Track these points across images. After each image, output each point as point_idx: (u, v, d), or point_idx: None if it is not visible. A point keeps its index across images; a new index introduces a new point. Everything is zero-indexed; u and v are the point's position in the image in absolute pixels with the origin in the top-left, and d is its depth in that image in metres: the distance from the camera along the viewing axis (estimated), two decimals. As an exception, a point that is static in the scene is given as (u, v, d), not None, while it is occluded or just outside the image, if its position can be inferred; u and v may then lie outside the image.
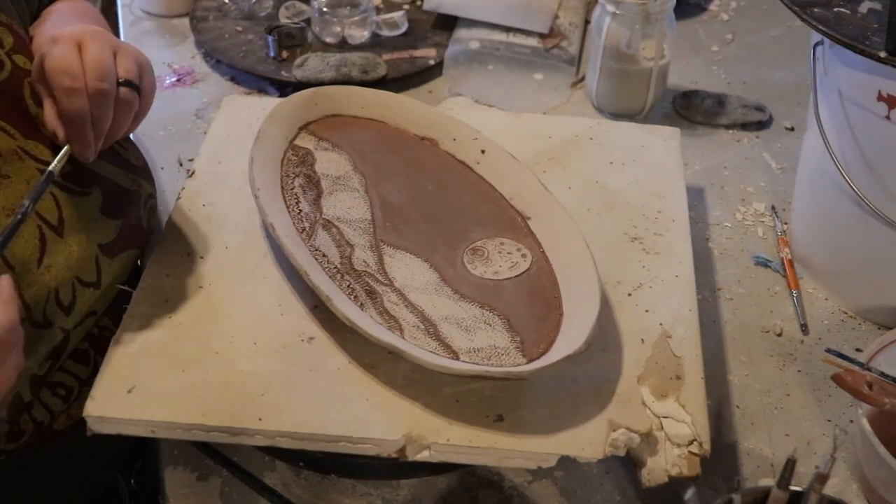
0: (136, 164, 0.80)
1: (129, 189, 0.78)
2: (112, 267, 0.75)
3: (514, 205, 0.83)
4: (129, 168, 0.78)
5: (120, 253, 0.76)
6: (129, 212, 0.77)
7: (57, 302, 0.70)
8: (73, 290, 0.72)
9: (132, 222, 0.78)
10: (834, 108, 0.84)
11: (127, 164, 0.78)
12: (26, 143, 0.70)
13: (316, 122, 0.88)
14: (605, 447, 0.66)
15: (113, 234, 0.75)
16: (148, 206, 0.81)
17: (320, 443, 0.66)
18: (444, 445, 0.66)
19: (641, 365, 0.71)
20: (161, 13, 1.30)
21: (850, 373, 0.70)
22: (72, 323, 0.72)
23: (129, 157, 0.79)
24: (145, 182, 0.80)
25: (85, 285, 0.73)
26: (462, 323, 0.72)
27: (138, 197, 0.79)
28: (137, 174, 0.79)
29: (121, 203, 0.76)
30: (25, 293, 0.68)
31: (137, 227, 0.79)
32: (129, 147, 0.80)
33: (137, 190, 0.79)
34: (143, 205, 0.80)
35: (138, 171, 0.80)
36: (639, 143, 0.93)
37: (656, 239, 0.82)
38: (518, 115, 0.98)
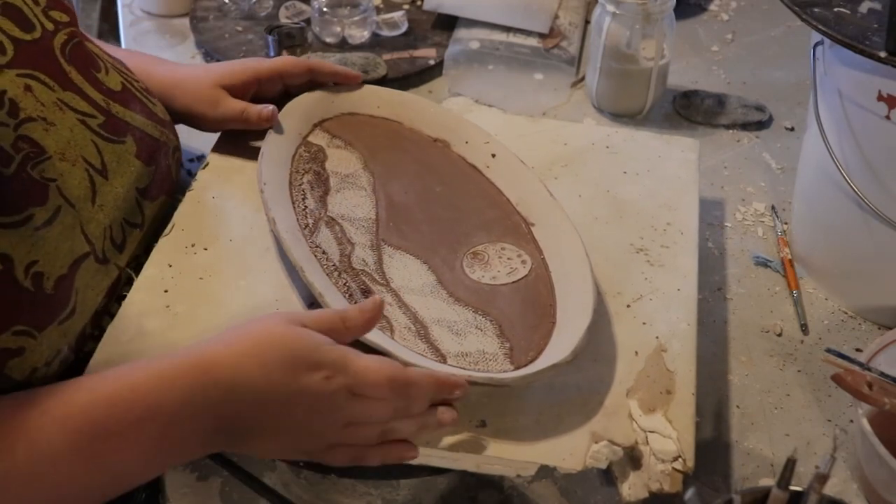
0: (163, 118, 0.84)
1: (159, 139, 0.82)
2: (151, 210, 0.81)
3: (519, 210, 0.82)
4: (158, 121, 0.83)
5: (158, 197, 0.82)
6: (160, 160, 0.82)
7: (111, 240, 0.75)
8: (123, 230, 0.77)
9: (163, 170, 0.82)
10: (834, 108, 0.84)
11: (155, 117, 0.83)
12: (64, 95, 0.74)
13: (331, 120, 0.89)
14: (586, 459, 0.65)
15: (148, 180, 0.80)
16: (175, 157, 0.86)
17: None
18: (425, 448, 0.66)
19: (632, 378, 0.71)
20: (161, 13, 1.30)
21: (850, 373, 0.70)
22: (124, 261, 0.77)
23: (156, 111, 0.83)
24: (172, 135, 0.85)
25: (132, 226, 0.78)
26: (453, 326, 0.72)
27: (167, 147, 0.83)
28: (165, 126, 0.84)
29: (152, 151, 0.81)
30: (86, 229, 0.72)
31: (168, 174, 0.83)
32: (156, 102, 0.84)
33: (166, 141, 0.83)
34: (171, 155, 0.84)
35: (165, 124, 0.84)
36: (655, 153, 0.93)
37: (662, 251, 0.82)
38: (537, 121, 0.98)
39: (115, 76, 0.80)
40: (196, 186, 0.85)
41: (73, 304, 0.70)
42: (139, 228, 0.79)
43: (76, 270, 0.70)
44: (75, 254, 0.70)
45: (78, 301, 0.71)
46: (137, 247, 0.79)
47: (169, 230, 0.80)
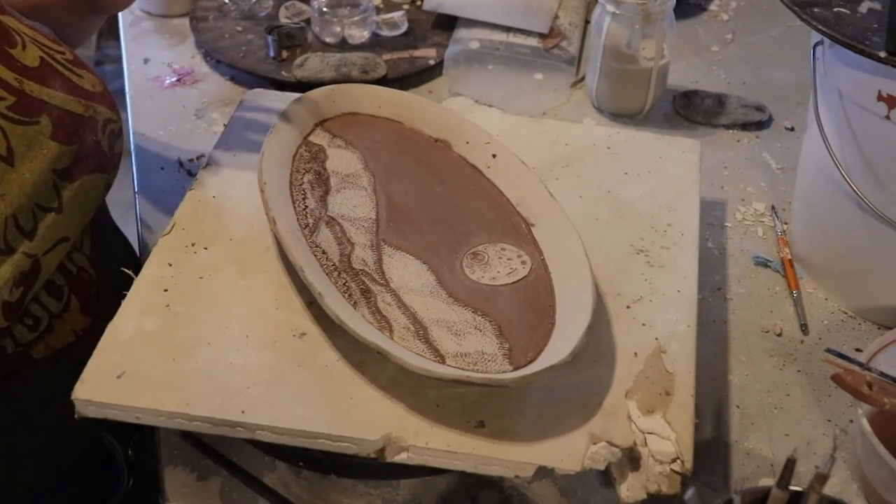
0: (92, 91, 0.80)
1: (83, 115, 0.78)
2: (73, 191, 0.77)
3: (519, 211, 0.82)
4: (83, 94, 0.79)
5: (79, 177, 0.78)
6: (84, 137, 0.78)
7: (17, 228, 0.72)
8: (34, 215, 0.74)
9: (89, 147, 0.79)
10: (834, 108, 0.84)
11: (80, 91, 0.79)
12: None
13: (332, 120, 0.89)
14: (584, 460, 0.65)
15: (68, 160, 0.77)
16: (108, 130, 0.81)
17: (300, 438, 0.66)
18: (423, 449, 0.66)
19: (631, 379, 0.71)
20: (161, 13, 1.30)
21: (850, 373, 0.70)
22: (38, 248, 0.74)
23: (82, 84, 0.80)
24: (103, 107, 0.81)
25: (45, 210, 0.75)
26: (452, 327, 0.72)
27: (94, 122, 0.80)
28: (92, 100, 0.80)
29: (73, 129, 0.77)
30: None
31: (96, 150, 0.80)
32: (84, 74, 0.81)
33: (93, 115, 0.79)
34: (100, 129, 0.80)
35: (93, 96, 0.80)
36: (657, 154, 0.93)
37: (662, 252, 0.82)
38: (537, 121, 0.98)
39: (33, 50, 0.77)
40: (196, 186, 0.85)
41: None
42: (55, 212, 0.76)
43: None
44: None
45: None
46: (55, 230, 0.76)
47: (169, 229, 0.80)
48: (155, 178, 1.03)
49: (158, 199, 1.00)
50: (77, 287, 0.81)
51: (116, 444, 0.83)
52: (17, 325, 0.76)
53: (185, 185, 0.99)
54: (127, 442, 0.84)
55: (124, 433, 0.84)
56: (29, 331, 0.77)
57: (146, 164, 1.05)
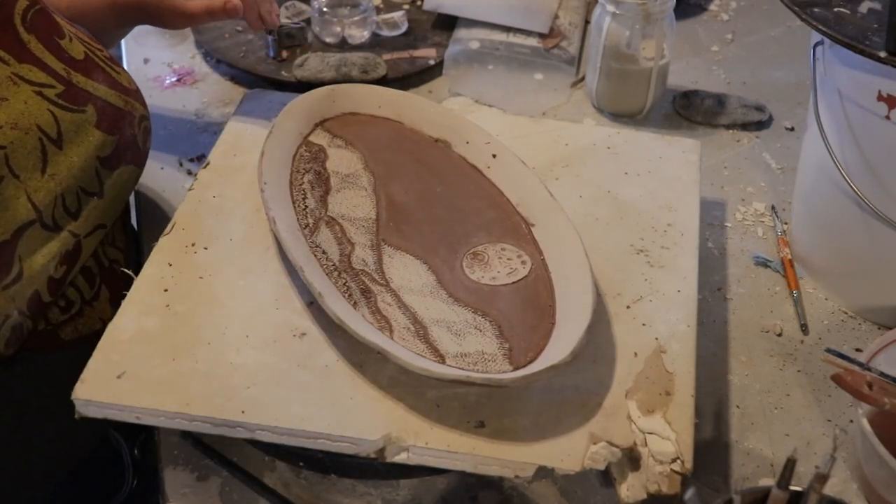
0: (129, 87, 0.85)
1: (123, 109, 0.83)
2: (112, 179, 0.82)
3: (519, 211, 0.82)
4: (122, 90, 0.84)
5: (119, 167, 0.82)
6: (124, 129, 0.83)
7: (64, 208, 0.77)
8: (78, 198, 0.78)
9: (127, 139, 0.83)
10: (834, 108, 0.84)
11: (120, 87, 0.84)
12: (20, 68, 0.75)
13: (332, 120, 0.89)
14: (584, 460, 0.65)
15: (110, 149, 0.81)
16: (142, 126, 0.86)
17: (300, 439, 0.66)
18: (423, 449, 0.66)
19: (632, 379, 0.71)
20: (161, 13, 1.30)
21: (850, 373, 0.70)
22: (81, 229, 0.79)
23: (121, 80, 0.84)
24: (138, 104, 0.86)
25: (88, 194, 0.80)
26: (452, 327, 0.72)
27: (132, 116, 0.84)
28: (130, 95, 0.85)
29: (115, 120, 0.82)
30: (33, 197, 0.74)
31: (132, 143, 0.84)
32: (121, 72, 0.85)
33: (131, 110, 0.84)
34: (136, 124, 0.85)
35: (130, 93, 0.85)
36: (657, 154, 0.93)
37: (662, 252, 0.82)
38: (537, 121, 0.98)
39: (78, 45, 0.81)
40: (196, 186, 0.85)
41: (17, 270, 0.73)
42: (97, 196, 0.80)
43: (19, 237, 0.73)
44: (18, 221, 0.73)
45: (24, 267, 0.73)
46: (96, 215, 0.80)
47: (169, 229, 0.80)
48: (155, 178, 1.03)
49: (158, 199, 1.00)
50: (108, 278, 0.85)
51: (123, 443, 0.83)
52: (51, 306, 0.79)
53: (185, 185, 1.00)
54: (133, 440, 0.84)
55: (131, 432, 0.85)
56: (61, 312, 0.80)
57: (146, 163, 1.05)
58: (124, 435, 0.84)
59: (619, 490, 0.67)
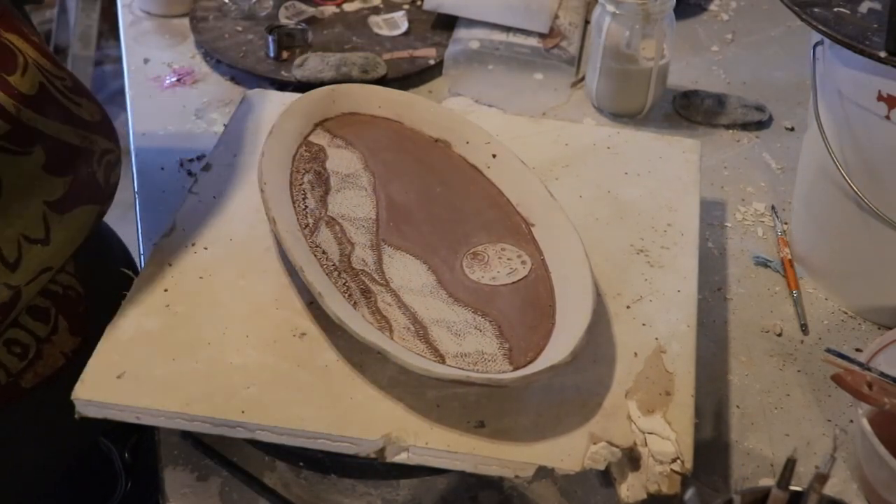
0: (90, 121, 0.77)
1: (79, 146, 0.75)
2: (63, 223, 0.74)
3: (519, 211, 0.82)
4: (81, 125, 0.76)
5: (72, 209, 0.75)
6: (79, 168, 0.75)
7: (1, 259, 0.69)
8: (19, 246, 0.71)
9: (82, 179, 0.76)
10: (834, 108, 0.84)
11: (77, 121, 0.76)
12: None
13: (332, 120, 0.89)
14: (584, 460, 0.65)
15: (61, 191, 0.74)
16: (104, 161, 0.78)
17: (300, 439, 0.66)
18: (423, 449, 0.66)
19: (631, 379, 0.71)
20: (161, 13, 1.30)
21: (850, 373, 0.70)
22: (21, 280, 0.72)
23: (80, 114, 0.76)
24: (100, 138, 0.78)
25: (32, 242, 0.72)
26: (452, 327, 0.72)
27: (90, 153, 0.76)
28: (90, 130, 0.77)
29: (68, 160, 0.74)
30: None
31: (91, 182, 0.77)
32: (83, 102, 0.77)
33: (89, 146, 0.76)
34: (96, 161, 0.77)
35: (91, 126, 0.77)
36: (657, 154, 0.92)
37: (662, 252, 0.82)
38: (537, 121, 0.98)
39: (33, 76, 0.72)
40: (196, 186, 0.85)
41: None
42: (41, 244, 0.73)
43: None
44: None
45: None
46: (39, 262, 0.73)
47: (169, 230, 0.80)
48: (155, 178, 1.03)
49: (158, 199, 1.00)
50: (64, 307, 0.79)
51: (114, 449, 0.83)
52: (6, 355, 0.75)
53: (185, 185, 1.00)
54: (124, 445, 0.84)
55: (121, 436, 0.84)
56: (18, 360, 0.76)
57: (146, 164, 1.05)
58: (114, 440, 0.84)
59: (619, 490, 0.67)
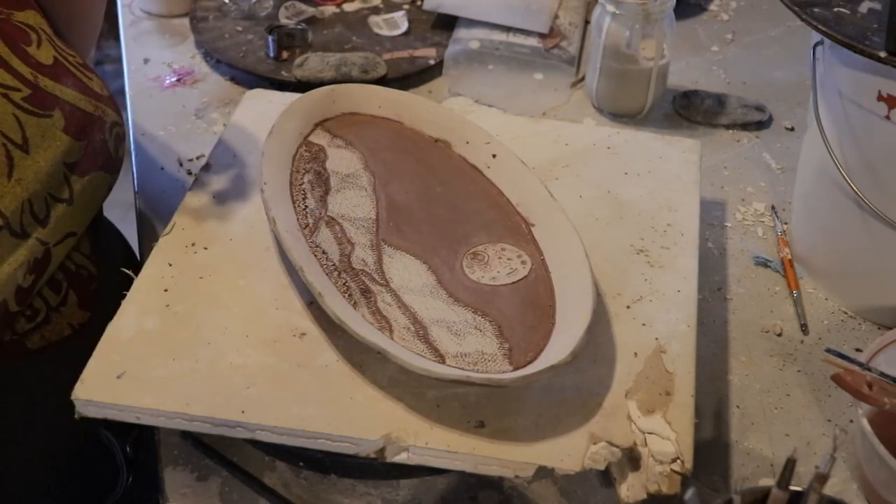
0: (100, 93, 0.83)
1: (93, 114, 0.81)
2: (82, 185, 0.80)
3: (519, 211, 0.82)
4: (93, 95, 0.82)
5: (89, 173, 0.80)
6: (93, 135, 0.81)
7: (32, 214, 0.75)
8: (47, 204, 0.76)
9: (97, 145, 0.81)
10: (834, 108, 0.84)
11: (90, 92, 0.82)
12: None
13: (332, 120, 0.89)
14: (584, 460, 0.65)
15: (78, 155, 0.79)
16: (114, 132, 0.84)
17: (300, 439, 0.66)
18: (423, 449, 0.66)
19: (631, 379, 0.71)
20: (161, 13, 1.30)
21: (850, 373, 0.70)
22: (50, 237, 0.77)
23: (92, 86, 0.82)
24: (110, 111, 0.84)
25: (57, 201, 0.77)
26: (452, 327, 0.72)
27: (102, 122, 0.82)
28: (101, 101, 0.83)
29: (84, 126, 0.80)
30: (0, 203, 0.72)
31: (103, 150, 0.82)
32: (93, 77, 0.84)
33: (101, 116, 0.82)
34: (108, 130, 0.83)
35: (102, 99, 0.83)
36: (657, 154, 0.93)
37: (662, 252, 0.82)
38: (537, 121, 0.98)
39: (48, 50, 0.79)
40: (196, 186, 0.85)
41: None
42: (66, 203, 0.78)
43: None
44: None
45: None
46: (65, 222, 0.79)
47: (169, 229, 0.80)
48: (155, 178, 1.03)
49: (158, 199, 1.00)
50: (76, 283, 0.83)
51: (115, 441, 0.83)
52: (17, 315, 0.77)
53: (185, 185, 1.00)
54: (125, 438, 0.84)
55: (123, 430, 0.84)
56: (27, 321, 0.79)
57: (146, 164, 1.05)
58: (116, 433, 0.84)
59: (619, 490, 0.67)
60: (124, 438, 0.85)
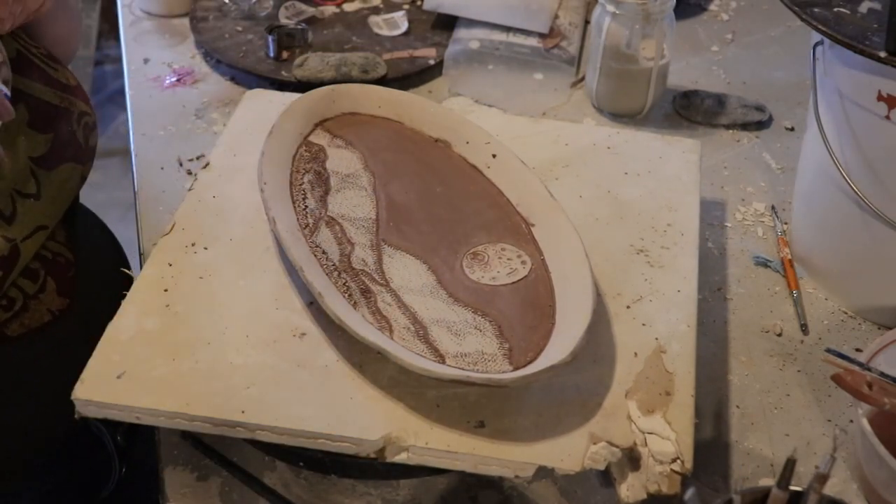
0: (67, 84, 0.82)
1: (59, 106, 0.80)
2: (51, 179, 0.79)
3: (519, 211, 0.82)
4: (59, 87, 0.81)
5: (57, 166, 0.80)
6: (60, 127, 0.80)
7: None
8: (13, 200, 0.75)
9: (64, 137, 0.80)
10: (834, 108, 0.84)
11: (56, 83, 0.81)
12: None
13: (332, 120, 0.89)
14: (584, 460, 0.65)
15: (44, 148, 0.78)
16: (83, 122, 0.83)
17: (300, 438, 0.66)
18: (423, 449, 0.66)
19: (631, 379, 0.71)
20: (161, 13, 1.30)
21: (850, 373, 0.70)
22: (18, 234, 0.75)
23: (58, 77, 0.81)
24: (78, 101, 0.83)
25: (24, 196, 0.77)
26: (452, 327, 0.72)
27: (69, 113, 0.81)
28: (68, 92, 0.82)
29: (50, 118, 0.79)
30: None
31: (72, 141, 0.81)
32: (59, 68, 0.83)
33: (68, 107, 0.81)
34: (76, 121, 0.82)
35: (69, 89, 0.82)
36: (657, 154, 0.93)
37: (662, 252, 0.82)
38: (537, 121, 0.98)
39: (10, 43, 0.78)
40: (196, 186, 0.85)
41: None
42: (33, 198, 0.77)
43: None
44: None
45: None
46: (34, 217, 0.77)
47: (169, 229, 0.80)
48: (155, 178, 1.03)
49: (158, 199, 1.00)
50: (53, 270, 0.82)
51: (104, 430, 0.83)
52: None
53: (185, 185, 1.00)
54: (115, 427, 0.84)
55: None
56: (3, 311, 0.78)
57: (146, 164, 1.05)
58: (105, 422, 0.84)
59: (619, 490, 0.67)
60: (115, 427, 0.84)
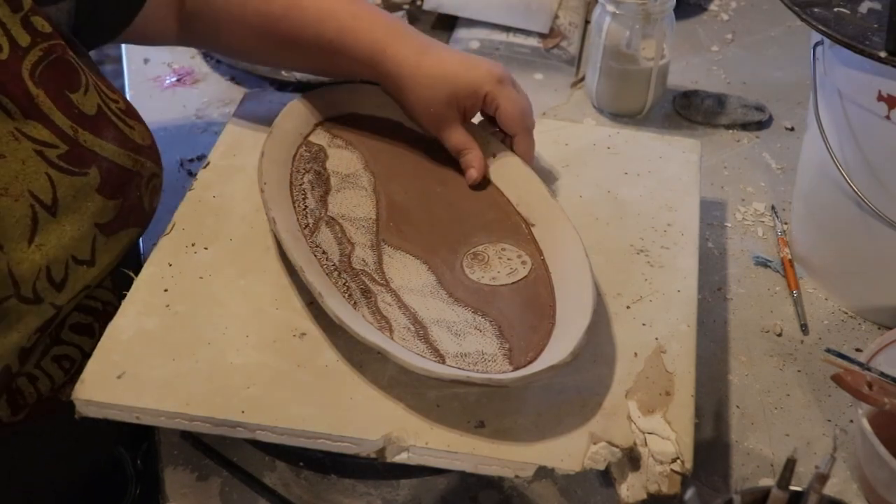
0: (142, 144, 0.78)
1: (131, 169, 0.76)
2: (108, 245, 0.75)
3: (519, 211, 0.82)
4: (133, 148, 0.77)
5: (118, 231, 0.76)
6: (129, 192, 0.76)
7: (49, 279, 0.70)
8: (67, 267, 0.72)
9: (132, 202, 0.77)
10: (834, 108, 0.84)
11: (131, 144, 0.77)
12: (24, 124, 0.69)
13: (332, 120, 0.89)
14: (584, 460, 0.65)
15: (112, 214, 0.75)
16: (151, 185, 0.79)
17: (300, 439, 0.66)
18: (423, 449, 0.66)
19: (632, 379, 0.71)
20: (161, 13, 1.30)
21: (850, 373, 0.70)
22: (64, 299, 0.72)
23: (133, 137, 0.77)
24: (150, 162, 0.79)
25: (79, 263, 0.73)
26: (452, 327, 0.72)
27: (140, 177, 0.78)
28: (141, 154, 0.78)
29: (120, 183, 0.75)
30: (14, 270, 0.68)
31: (138, 206, 0.78)
32: (136, 126, 0.79)
33: (140, 170, 0.77)
34: (145, 185, 0.78)
35: (142, 150, 0.78)
36: (657, 154, 0.93)
37: (662, 252, 0.82)
38: (538, 121, 0.97)
39: (93, 97, 0.75)
40: (196, 186, 0.85)
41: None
42: (87, 265, 0.74)
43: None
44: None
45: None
46: (84, 283, 0.74)
47: (169, 229, 0.80)
48: (155, 177, 1.03)
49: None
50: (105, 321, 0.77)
51: (127, 456, 0.83)
52: (55, 370, 0.75)
53: (185, 185, 0.99)
54: (136, 451, 0.84)
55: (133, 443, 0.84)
56: (64, 373, 0.76)
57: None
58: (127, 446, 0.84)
59: (619, 490, 0.67)
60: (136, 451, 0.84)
